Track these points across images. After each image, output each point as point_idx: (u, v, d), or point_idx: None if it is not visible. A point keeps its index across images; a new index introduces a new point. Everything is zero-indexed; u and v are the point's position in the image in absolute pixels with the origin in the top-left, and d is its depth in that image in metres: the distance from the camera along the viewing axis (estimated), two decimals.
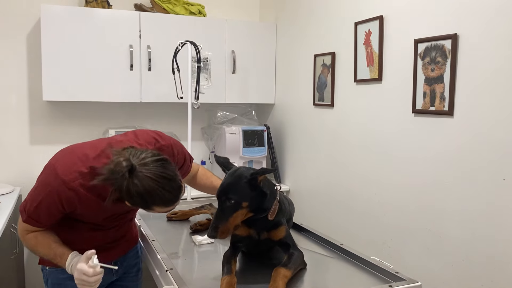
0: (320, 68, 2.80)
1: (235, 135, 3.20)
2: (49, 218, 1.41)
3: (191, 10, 3.23)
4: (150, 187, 1.24)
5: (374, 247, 2.33)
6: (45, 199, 1.37)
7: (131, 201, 1.29)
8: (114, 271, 1.65)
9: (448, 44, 1.88)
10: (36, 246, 1.45)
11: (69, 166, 1.35)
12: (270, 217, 1.38)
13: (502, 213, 1.70)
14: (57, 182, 1.34)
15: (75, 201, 1.37)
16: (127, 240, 1.72)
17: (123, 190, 1.25)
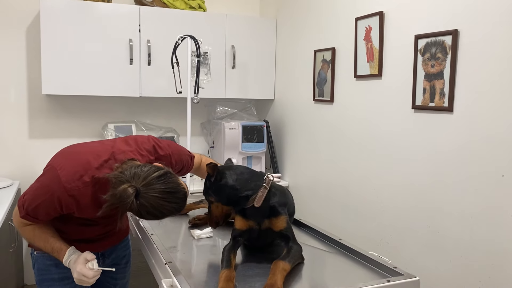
0: (320, 64, 2.80)
1: (234, 130, 3.20)
2: (46, 216, 1.45)
3: (191, 5, 3.22)
4: (157, 204, 1.30)
5: (372, 243, 2.34)
6: (44, 201, 1.40)
7: (142, 217, 1.35)
8: (101, 261, 1.66)
9: (449, 40, 1.87)
10: (33, 239, 1.51)
11: (72, 174, 1.38)
12: (256, 204, 1.39)
13: (501, 209, 1.70)
14: (59, 188, 1.37)
15: (73, 206, 1.41)
16: (118, 231, 1.71)
17: (132, 210, 1.30)
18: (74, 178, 1.38)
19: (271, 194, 1.43)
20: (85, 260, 1.42)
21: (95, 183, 1.39)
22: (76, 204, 1.40)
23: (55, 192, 1.37)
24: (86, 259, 1.42)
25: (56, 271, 1.57)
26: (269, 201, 1.42)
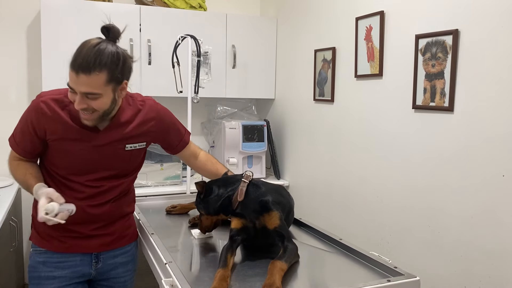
0: (321, 63, 2.80)
1: (235, 130, 3.20)
2: (22, 138, 1.53)
3: (191, 4, 3.22)
4: (83, 43, 1.42)
5: (372, 243, 2.34)
6: (22, 117, 1.53)
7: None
8: (94, 264, 1.62)
9: (449, 39, 1.87)
10: (15, 171, 1.56)
11: (50, 91, 1.54)
12: (238, 198, 1.45)
13: (501, 209, 1.70)
14: (35, 100, 1.51)
15: (44, 116, 1.47)
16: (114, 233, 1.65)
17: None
18: (49, 92, 1.53)
19: (257, 189, 1.47)
20: (47, 196, 1.36)
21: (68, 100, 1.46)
22: (48, 112, 1.46)
23: (31, 104, 1.51)
24: (50, 198, 1.36)
25: (43, 269, 1.57)
26: (257, 197, 1.45)
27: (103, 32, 1.46)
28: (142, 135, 1.61)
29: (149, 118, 1.64)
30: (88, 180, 1.54)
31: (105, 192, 1.58)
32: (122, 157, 1.59)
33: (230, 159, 3.18)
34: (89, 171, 1.54)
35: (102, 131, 1.53)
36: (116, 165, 1.58)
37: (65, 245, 1.57)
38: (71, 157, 1.51)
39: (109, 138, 1.53)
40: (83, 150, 1.51)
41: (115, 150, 1.55)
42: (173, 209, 2.02)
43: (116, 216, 1.65)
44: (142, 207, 2.06)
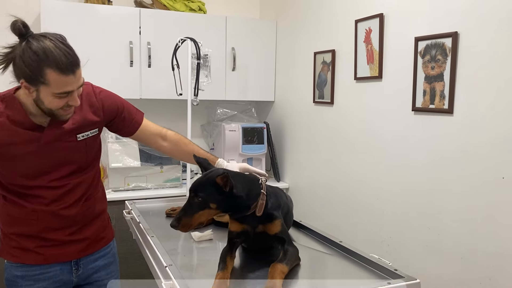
0: (320, 66, 2.80)
1: (234, 132, 3.20)
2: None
3: (191, 7, 3.22)
4: (46, 45, 1.27)
5: (373, 245, 2.34)
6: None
7: (24, 64, 1.26)
8: (74, 271, 1.57)
9: (449, 42, 1.87)
10: None
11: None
12: (258, 213, 1.37)
13: (501, 211, 1.70)
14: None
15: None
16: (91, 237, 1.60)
17: (17, 56, 1.27)
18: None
19: (267, 198, 1.41)
20: None
21: (1, 99, 1.40)
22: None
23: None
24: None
25: (22, 283, 1.50)
26: (266, 208, 1.40)
27: (21, 30, 1.36)
28: (90, 123, 1.52)
29: (93, 102, 1.55)
30: (51, 181, 1.46)
31: (71, 191, 1.51)
32: (77, 149, 1.50)
33: (230, 161, 3.17)
34: (48, 171, 1.46)
35: (47, 128, 1.43)
36: (73, 158, 1.50)
37: (42, 256, 1.50)
38: (25, 161, 1.42)
39: (56, 133, 1.44)
40: (35, 151, 1.42)
41: (66, 143, 1.47)
42: (173, 211, 2.02)
43: (90, 216, 1.59)
44: (142, 210, 2.05)
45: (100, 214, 1.65)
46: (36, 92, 1.31)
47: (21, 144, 1.40)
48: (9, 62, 1.32)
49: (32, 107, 1.39)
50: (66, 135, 1.46)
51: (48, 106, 1.35)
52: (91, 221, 1.60)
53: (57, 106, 1.35)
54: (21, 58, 1.28)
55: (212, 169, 1.41)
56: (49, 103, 1.34)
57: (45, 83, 1.28)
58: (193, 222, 1.33)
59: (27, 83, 1.30)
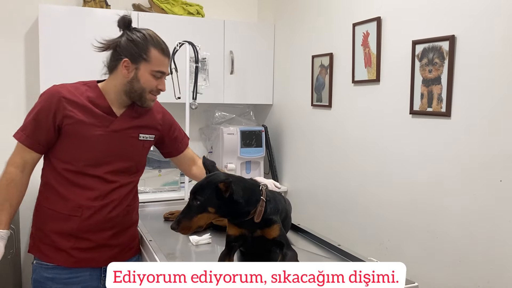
0: (318, 69, 2.81)
1: (233, 135, 3.20)
2: (35, 129, 1.49)
3: (189, 11, 3.23)
4: (150, 32, 1.54)
5: (371, 248, 2.33)
6: (35, 108, 1.51)
7: (132, 43, 1.50)
8: (103, 278, 1.58)
9: (446, 45, 1.88)
10: (2, 188, 1.49)
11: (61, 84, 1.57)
12: (256, 220, 1.36)
13: (499, 214, 1.70)
14: (50, 89, 1.53)
15: (64, 99, 1.49)
16: (124, 244, 1.65)
17: (122, 40, 1.51)
18: (62, 84, 1.56)
19: (266, 204, 1.40)
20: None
21: (85, 83, 1.57)
22: (68, 95, 1.50)
23: (47, 91, 1.52)
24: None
25: (52, 286, 1.52)
26: (264, 213, 1.39)
27: (129, 23, 1.59)
28: (152, 127, 1.67)
29: (158, 110, 1.70)
30: (106, 173, 1.54)
31: (118, 190, 1.57)
32: (135, 147, 1.62)
33: (228, 164, 3.18)
34: (106, 161, 1.54)
35: (119, 117, 1.57)
36: (130, 155, 1.61)
37: (74, 259, 1.52)
38: (89, 143, 1.51)
39: (125, 124, 1.57)
40: (101, 135, 1.52)
41: (130, 138, 1.59)
42: (171, 215, 2.02)
43: (127, 223, 1.65)
44: (140, 214, 2.05)
45: (134, 224, 1.71)
46: (135, 70, 1.51)
47: (93, 125, 1.51)
48: (108, 48, 1.54)
49: (115, 94, 1.55)
50: (131, 130, 1.59)
51: (142, 85, 1.52)
52: (127, 228, 1.65)
53: (150, 85, 1.53)
54: (128, 39, 1.51)
55: (214, 173, 1.41)
56: (145, 82, 1.52)
57: (147, 60, 1.50)
58: (192, 225, 1.34)
59: (129, 60, 1.50)
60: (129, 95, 1.55)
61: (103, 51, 1.55)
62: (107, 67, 1.58)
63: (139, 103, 1.57)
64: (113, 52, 1.54)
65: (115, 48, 1.53)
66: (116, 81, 1.55)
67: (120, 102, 1.57)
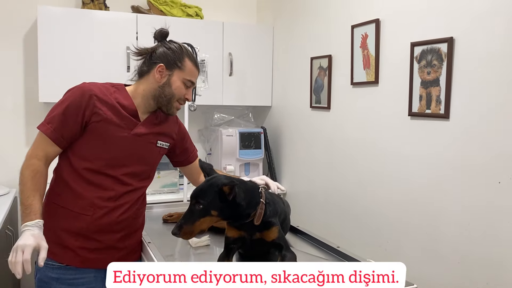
0: (317, 71, 2.81)
1: (232, 137, 3.20)
2: (62, 122, 1.49)
3: (188, 12, 3.23)
4: (185, 45, 1.65)
5: (370, 249, 2.33)
6: (63, 102, 1.52)
7: (169, 51, 1.58)
8: None
9: (444, 47, 1.89)
10: (28, 180, 1.45)
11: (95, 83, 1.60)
12: (256, 222, 1.36)
13: (498, 216, 1.70)
14: (80, 85, 1.56)
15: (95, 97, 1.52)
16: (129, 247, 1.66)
17: (158, 48, 1.59)
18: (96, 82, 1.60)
19: (266, 206, 1.41)
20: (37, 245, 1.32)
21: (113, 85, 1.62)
22: (98, 93, 1.53)
23: (77, 86, 1.54)
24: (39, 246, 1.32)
25: (56, 286, 1.53)
26: (264, 215, 1.39)
27: (166, 35, 1.66)
28: (169, 136, 1.72)
29: (174, 121, 1.77)
30: (122, 175, 1.56)
31: (132, 193, 1.60)
32: (152, 153, 1.66)
33: (227, 166, 3.18)
34: (125, 163, 1.57)
35: (143, 122, 1.62)
36: (147, 160, 1.65)
37: (80, 258, 1.52)
38: (112, 143, 1.54)
39: (147, 129, 1.62)
40: (124, 137, 1.56)
41: (149, 143, 1.64)
42: (170, 217, 2.02)
43: (135, 227, 1.67)
44: None
45: (140, 228, 1.73)
46: (168, 76, 1.58)
47: (119, 126, 1.55)
48: (142, 55, 1.62)
49: (143, 98, 1.60)
50: (151, 136, 1.64)
51: (173, 91, 1.59)
52: (134, 232, 1.68)
53: (180, 93, 1.60)
54: (166, 48, 1.60)
55: (214, 176, 1.40)
56: (176, 88, 1.59)
57: (181, 68, 1.59)
58: (195, 230, 1.33)
59: (165, 66, 1.57)
60: (157, 99, 1.60)
61: (139, 56, 1.62)
62: (138, 72, 1.63)
63: (165, 109, 1.63)
64: (148, 58, 1.61)
65: (151, 55, 1.60)
66: (146, 85, 1.60)
67: (146, 107, 1.62)
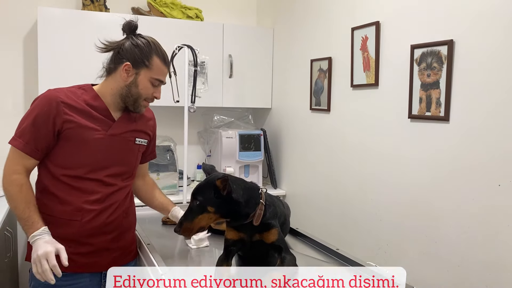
0: (317, 73, 2.81)
1: (231, 139, 3.20)
2: (34, 134, 1.45)
3: (188, 14, 3.23)
4: (155, 40, 1.55)
5: (370, 252, 2.33)
6: (31, 113, 1.47)
7: (136, 48, 1.50)
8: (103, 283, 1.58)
9: (444, 50, 1.89)
10: (17, 195, 1.44)
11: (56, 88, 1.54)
12: (255, 223, 1.37)
13: (498, 219, 1.70)
14: (46, 93, 1.51)
15: (63, 104, 1.47)
16: (123, 248, 1.65)
17: (125, 44, 1.51)
18: (57, 88, 1.53)
19: (265, 208, 1.41)
20: (55, 250, 1.35)
21: (80, 87, 1.57)
22: (66, 100, 1.48)
23: (44, 95, 1.49)
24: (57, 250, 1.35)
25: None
26: (263, 217, 1.39)
27: (134, 28, 1.57)
28: (146, 133, 1.68)
29: (150, 117, 1.73)
30: (105, 176, 1.54)
31: (117, 194, 1.58)
32: (132, 151, 1.63)
33: (227, 168, 3.17)
34: (106, 165, 1.55)
35: (117, 121, 1.58)
36: (127, 159, 1.62)
37: (75, 264, 1.48)
38: (89, 147, 1.51)
39: (122, 128, 1.58)
40: (100, 139, 1.52)
41: (127, 142, 1.60)
42: (169, 219, 2.01)
43: (126, 226, 1.65)
44: (138, 217, 2.03)
45: (132, 226, 1.72)
46: (135, 75, 1.52)
47: (93, 129, 1.51)
48: (110, 50, 1.55)
49: (111, 96, 1.55)
50: (128, 134, 1.61)
51: (140, 91, 1.53)
52: (126, 231, 1.66)
53: (147, 93, 1.54)
54: (133, 44, 1.51)
55: (213, 174, 1.42)
56: (143, 88, 1.53)
57: (148, 67, 1.51)
58: (194, 227, 1.35)
59: (131, 65, 1.50)
60: (124, 99, 1.55)
61: (106, 52, 1.55)
62: (106, 69, 1.57)
63: (132, 108, 1.57)
64: (115, 54, 1.54)
65: (118, 51, 1.53)
66: (113, 83, 1.55)
67: (115, 105, 1.57)
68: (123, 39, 1.55)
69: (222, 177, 1.32)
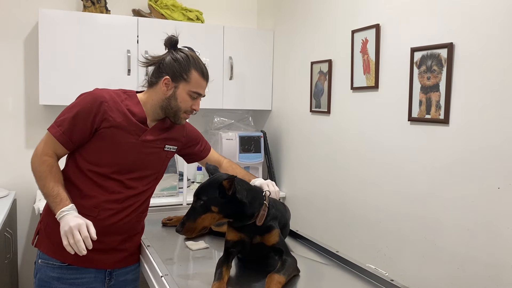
0: (317, 75, 2.82)
1: (231, 141, 3.20)
2: (72, 126, 1.50)
3: (189, 16, 3.24)
4: (194, 55, 1.61)
5: (369, 255, 2.33)
6: (73, 107, 1.53)
7: (175, 62, 1.55)
8: (107, 281, 1.63)
9: (444, 53, 1.89)
10: (47, 174, 1.48)
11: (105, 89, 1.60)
12: (258, 223, 1.38)
13: (497, 222, 1.70)
14: (92, 91, 1.56)
15: (106, 103, 1.52)
16: (130, 250, 1.68)
17: (166, 58, 1.58)
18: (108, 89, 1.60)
19: (268, 210, 1.42)
20: (84, 223, 1.38)
21: (125, 92, 1.63)
22: (109, 101, 1.53)
23: (88, 93, 1.54)
24: (87, 224, 1.39)
25: (57, 285, 1.54)
26: (266, 219, 1.40)
27: (175, 43, 1.64)
28: (177, 139, 1.73)
29: (181, 126, 1.75)
30: (128, 179, 1.57)
31: (136, 197, 1.61)
32: (160, 157, 1.67)
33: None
34: (131, 169, 1.59)
35: (151, 129, 1.62)
36: (153, 164, 1.66)
37: (82, 258, 1.51)
38: (119, 149, 1.55)
39: (155, 135, 1.63)
40: (132, 143, 1.56)
41: (156, 149, 1.64)
42: (169, 221, 2.02)
43: (136, 229, 1.69)
44: None
45: (141, 231, 1.75)
46: (174, 88, 1.57)
47: (127, 132, 1.56)
48: (152, 64, 1.62)
49: (152, 107, 1.61)
50: (159, 141, 1.65)
51: (179, 104, 1.58)
52: (135, 235, 1.70)
53: (186, 105, 1.59)
54: (173, 58, 1.58)
55: (216, 174, 1.44)
56: (181, 101, 1.58)
57: (187, 80, 1.57)
58: (197, 226, 1.34)
59: (170, 78, 1.56)
60: (164, 110, 1.61)
61: (148, 66, 1.63)
62: (148, 81, 1.64)
63: (173, 119, 1.63)
64: (156, 68, 1.60)
65: (159, 65, 1.60)
66: (155, 95, 1.60)
67: (154, 115, 1.63)
68: (164, 53, 1.62)
69: (229, 177, 1.32)
